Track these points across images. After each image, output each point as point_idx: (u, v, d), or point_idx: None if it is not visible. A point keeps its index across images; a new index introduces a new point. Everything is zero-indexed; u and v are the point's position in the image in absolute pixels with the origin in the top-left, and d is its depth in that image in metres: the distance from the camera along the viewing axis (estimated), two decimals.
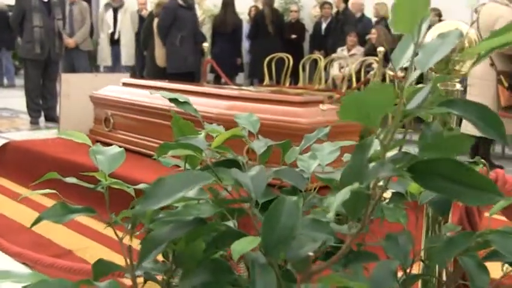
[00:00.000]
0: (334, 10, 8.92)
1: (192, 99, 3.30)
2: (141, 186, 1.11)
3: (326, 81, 7.58)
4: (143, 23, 8.45)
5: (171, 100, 1.14)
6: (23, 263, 2.42)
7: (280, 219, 0.77)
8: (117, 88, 3.95)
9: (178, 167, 1.18)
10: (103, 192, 1.16)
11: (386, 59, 6.67)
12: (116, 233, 1.07)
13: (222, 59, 8.22)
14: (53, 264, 2.31)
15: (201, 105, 3.16)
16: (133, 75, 7.31)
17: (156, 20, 7.54)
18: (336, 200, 0.70)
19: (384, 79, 5.92)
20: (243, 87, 3.48)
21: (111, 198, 1.18)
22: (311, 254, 0.76)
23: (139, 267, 0.86)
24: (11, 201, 3.32)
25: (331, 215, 0.70)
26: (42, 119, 6.77)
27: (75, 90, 4.30)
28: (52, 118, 6.77)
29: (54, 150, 3.72)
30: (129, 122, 3.72)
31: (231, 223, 0.95)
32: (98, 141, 3.96)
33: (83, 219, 2.97)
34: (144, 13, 8.81)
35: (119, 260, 2.46)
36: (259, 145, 1.16)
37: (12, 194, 3.44)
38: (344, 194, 0.70)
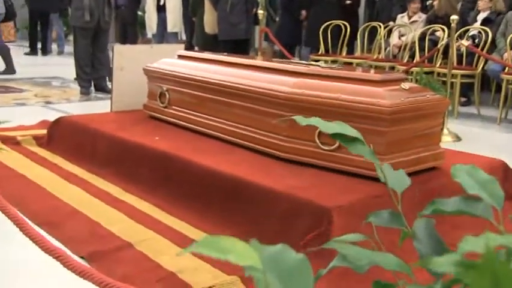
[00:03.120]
0: None
1: (255, 74, 3.05)
2: None
3: (385, 49, 7.19)
4: None
5: (335, 136, 0.85)
6: (81, 257, 2.24)
7: None
8: (172, 61, 3.71)
9: None
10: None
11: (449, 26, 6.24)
12: None
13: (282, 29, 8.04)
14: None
15: (266, 82, 2.91)
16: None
17: None
18: None
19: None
20: (312, 63, 3.18)
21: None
22: None
23: None
24: (63, 182, 3.15)
25: None
26: (92, 88, 6.62)
27: (129, 63, 4.08)
28: (102, 88, 6.62)
29: (110, 127, 3.52)
30: (185, 97, 3.48)
31: None
32: (152, 117, 3.78)
33: (144, 206, 2.79)
34: None
35: (184, 256, 2.26)
36: None
37: (66, 174, 3.27)
38: None
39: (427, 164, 2.69)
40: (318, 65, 2.97)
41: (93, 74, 6.63)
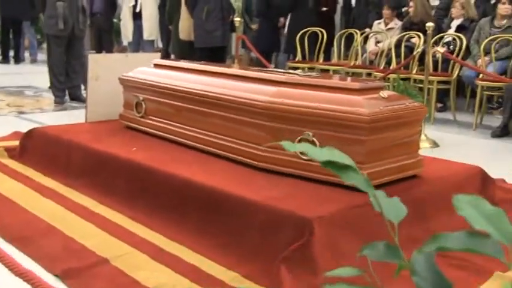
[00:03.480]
0: None
1: (233, 83, 3.02)
2: None
3: (361, 56, 7.20)
4: None
5: (326, 164, 0.79)
6: (55, 275, 2.17)
7: None
8: (149, 70, 3.65)
9: None
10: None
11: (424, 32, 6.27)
12: None
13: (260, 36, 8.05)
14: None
15: (245, 91, 2.87)
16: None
17: None
18: None
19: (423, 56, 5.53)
20: (290, 71, 3.15)
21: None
22: None
23: None
24: (36, 195, 3.06)
25: None
26: (66, 98, 6.51)
27: (104, 72, 4.01)
28: (77, 97, 6.52)
29: (85, 137, 3.44)
30: (162, 107, 3.42)
31: None
32: (128, 127, 3.71)
33: (120, 219, 2.72)
34: None
35: (162, 271, 2.20)
36: None
37: (39, 187, 3.18)
38: None
39: (407, 172, 2.68)
40: (296, 74, 2.94)
41: (68, 83, 6.52)
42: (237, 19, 6.48)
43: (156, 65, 3.71)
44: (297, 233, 2.19)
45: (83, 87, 6.74)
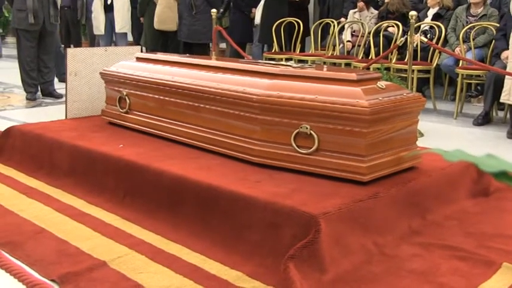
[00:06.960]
0: None
1: (224, 76, 2.93)
2: None
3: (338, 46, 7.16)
4: None
5: (498, 176, 0.70)
6: (51, 280, 2.06)
7: None
8: (131, 64, 3.54)
9: None
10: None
11: (404, 23, 6.27)
12: None
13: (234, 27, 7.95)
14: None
15: (238, 84, 2.79)
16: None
17: None
18: None
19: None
20: (282, 63, 3.08)
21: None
22: None
23: None
24: (21, 197, 2.93)
25: None
26: (39, 93, 6.31)
27: (83, 67, 3.88)
28: (49, 93, 6.34)
29: (68, 135, 3.32)
30: (148, 102, 3.32)
31: None
32: (111, 123, 3.59)
33: (112, 219, 2.62)
34: None
35: (163, 273, 2.12)
36: None
37: (23, 188, 3.05)
38: None
39: (406, 164, 2.64)
40: (289, 65, 2.87)
41: (40, 79, 6.32)
42: (213, 11, 6.35)
43: (139, 59, 3.60)
44: (302, 230, 2.12)
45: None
